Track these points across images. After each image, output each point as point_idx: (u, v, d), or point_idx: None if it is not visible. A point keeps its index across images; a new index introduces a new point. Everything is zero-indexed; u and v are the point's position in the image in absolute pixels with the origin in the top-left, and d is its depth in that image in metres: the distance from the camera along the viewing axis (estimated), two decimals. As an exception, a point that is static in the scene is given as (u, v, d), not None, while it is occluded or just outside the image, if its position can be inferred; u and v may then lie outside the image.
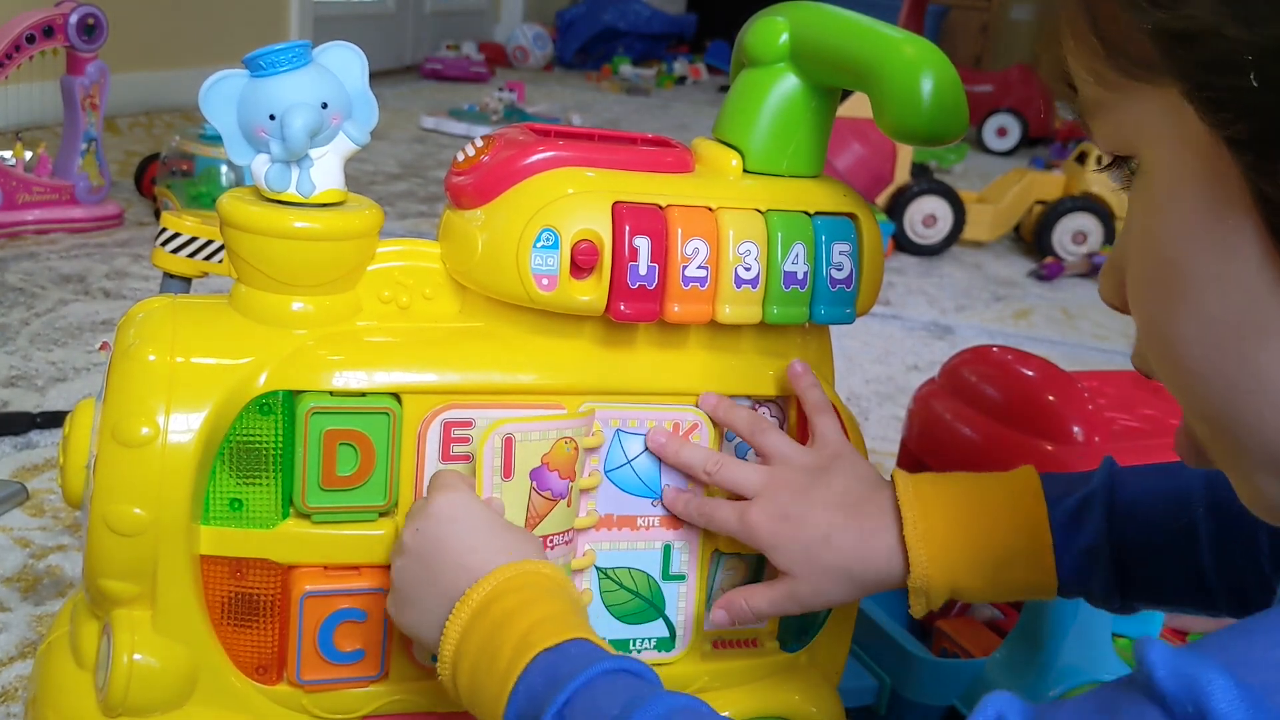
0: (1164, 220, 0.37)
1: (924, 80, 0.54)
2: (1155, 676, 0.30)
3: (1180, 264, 0.36)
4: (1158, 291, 0.38)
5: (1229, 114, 0.33)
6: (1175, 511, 0.56)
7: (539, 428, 0.58)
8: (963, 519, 0.58)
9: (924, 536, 0.57)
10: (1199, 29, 0.32)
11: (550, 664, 0.46)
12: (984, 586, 0.58)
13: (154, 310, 0.57)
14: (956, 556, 0.57)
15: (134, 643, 0.55)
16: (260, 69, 0.54)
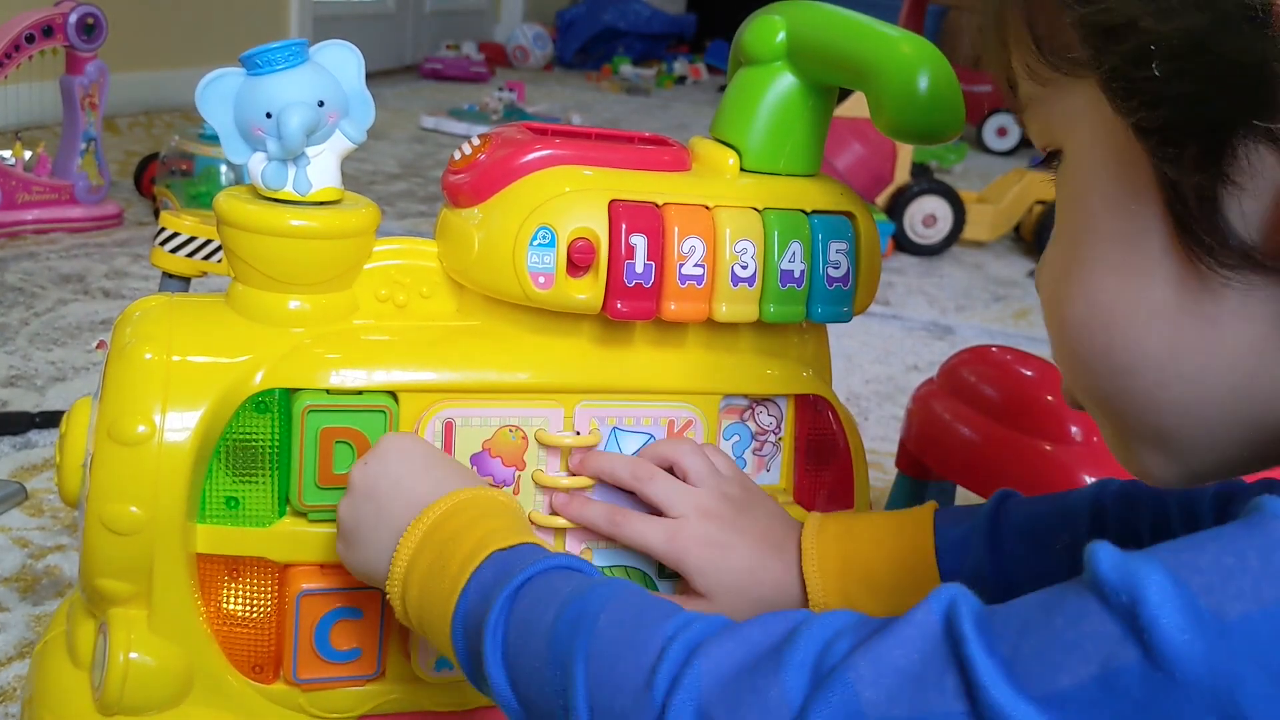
0: (1077, 208, 0.39)
1: (921, 79, 0.54)
2: (1099, 570, 0.31)
3: (1083, 248, 0.39)
4: (1060, 274, 0.40)
5: (1136, 103, 0.35)
6: (1057, 533, 0.56)
7: (480, 414, 0.58)
8: (859, 554, 0.59)
9: (822, 565, 0.58)
10: (1118, 22, 0.34)
11: (502, 559, 0.46)
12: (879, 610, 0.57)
13: (150, 309, 0.57)
14: (851, 589, 0.58)
15: (130, 641, 0.55)
16: (257, 67, 0.54)
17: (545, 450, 0.60)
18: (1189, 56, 0.33)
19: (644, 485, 0.60)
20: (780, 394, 0.64)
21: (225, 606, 0.57)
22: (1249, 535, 0.30)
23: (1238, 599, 0.29)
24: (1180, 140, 0.34)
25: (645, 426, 0.62)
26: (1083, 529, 0.55)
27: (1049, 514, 0.57)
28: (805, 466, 0.66)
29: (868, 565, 0.58)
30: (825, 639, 0.36)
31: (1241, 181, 0.34)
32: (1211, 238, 0.34)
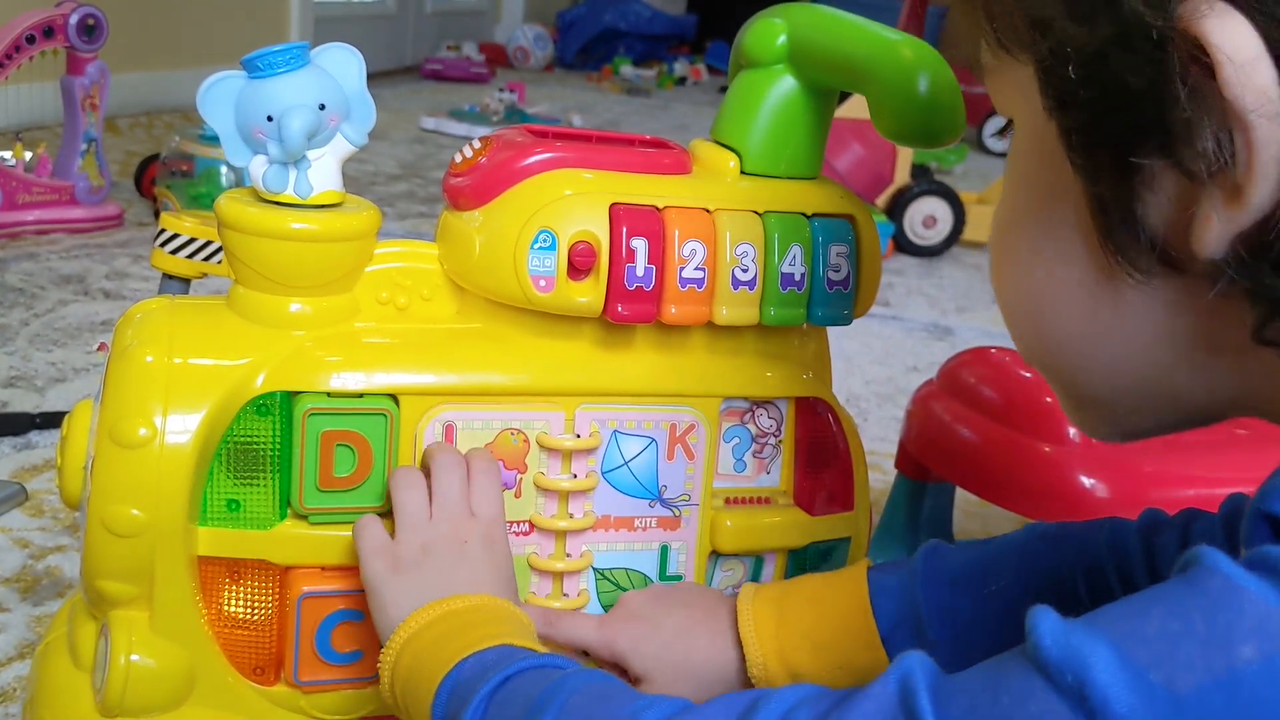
0: (1011, 189, 0.40)
1: (921, 82, 0.54)
2: (1041, 645, 0.30)
3: (1014, 232, 0.40)
4: (996, 256, 0.42)
5: (1055, 101, 0.35)
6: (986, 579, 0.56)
7: (481, 417, 0.58)
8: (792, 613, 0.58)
9: (758, 626, 0.58)
10: (1046, 18, 0.34)
11: (481, 659, 0.47)
12: (821, 668, 0.57)
13: (152, 311, 0.58)
14: (789, 649, 0.58)
15: (131, 643, 0.55)
16: (258, 70, 0.54)
17: (546, 453, 0.60)
18: (1095, 66, 0.33)
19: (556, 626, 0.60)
20: (780, 396, 0.65)
21: (226, 609, 0.57)
22: (1191, 596, 0.29)
23: (1188, 670, 0.28)
24: (1091, 146, 0.35)
25: (646, 430, 0.62)
26: (1009, 573, 0.55)
27: (978, 560, 0.57)
28: (805, 469, 0.66)
29: (804, 623, 0.58)
30: (783, 712, 0.36)
31: (1147, 193, 0.34)
32: (1120, 240, 0.35)
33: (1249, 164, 0.31)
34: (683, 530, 0.63)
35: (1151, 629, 0.29)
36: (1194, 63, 0.31)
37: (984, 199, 2.45)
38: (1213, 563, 0.30)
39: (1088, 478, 0.69)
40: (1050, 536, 0.56)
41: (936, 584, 0.56)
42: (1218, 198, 0.32)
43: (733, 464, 0.65)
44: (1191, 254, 0.33)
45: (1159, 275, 0.35)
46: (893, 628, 0.56)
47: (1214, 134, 0.31)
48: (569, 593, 0.62)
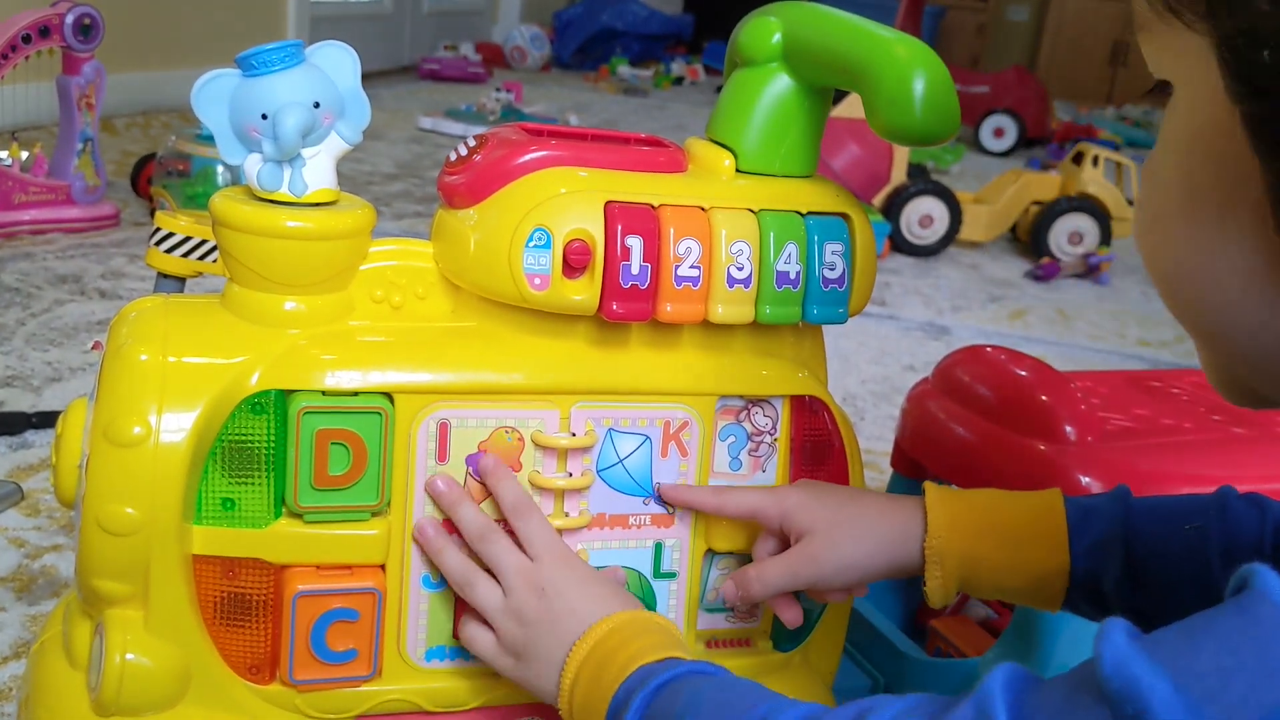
0: (1175, 157, 0.38)
1: (916, 80, 0.54)
2: (1104, 675, 0.31)
3: (1178, 202, 0.38)
4: (1153, 223, 0.40)
5: (1245, 87, 0.33)
6: (1188, 516, 0.57)
7: (476, 415, 0.58)
8: (981, 502, 0.60)
9: (942, 500, 0.59)
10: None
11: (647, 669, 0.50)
12: (1000, 562, 0.58)
13: (146, 310, 0.58)
14: (973, 525, 0.59)
15: (126, 642, 0.55)
16: (252, 68, 0.54)
17: (541, 452, 0.60)
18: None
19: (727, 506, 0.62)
20: (776, 395, 0.64)
21: (221, 607, 0.57)
22: (1242, 626, 0.30)
23: (1243, 706, 0.29)
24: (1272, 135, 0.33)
25: (641, 428, 0.62)
26: (1213, 520, 0.56)
27: (1176, 502, 0.58)
28: (801, 467, 0.66)
29: (991, 514, 0.59)
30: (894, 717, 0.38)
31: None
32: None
33: None
34: (676, 528, 0.63)
35: (1204, 663, 0.30)
36: None
37: (980, 198, 2.45)
38: (1264, 587, 0.30)
39: (1083, 476, 0.69)
40: (1253, 501, 0.57)
41: (1133, 510, 0.58)
42: None
43: (728, 462, 0.65)
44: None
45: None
46: (1082, 541, 0.57)
47: None
48: (564, 591, 0.62)
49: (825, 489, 0.62)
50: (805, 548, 0.59)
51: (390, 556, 0.58)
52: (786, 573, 0.60)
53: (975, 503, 0.60)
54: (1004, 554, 0.58)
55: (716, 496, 0.62)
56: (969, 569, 0.59)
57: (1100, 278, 2.29)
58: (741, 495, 0.62)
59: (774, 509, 0.60)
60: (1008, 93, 3.93)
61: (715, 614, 0.66)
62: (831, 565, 0.59)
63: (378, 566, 0.58)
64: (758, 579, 0.60)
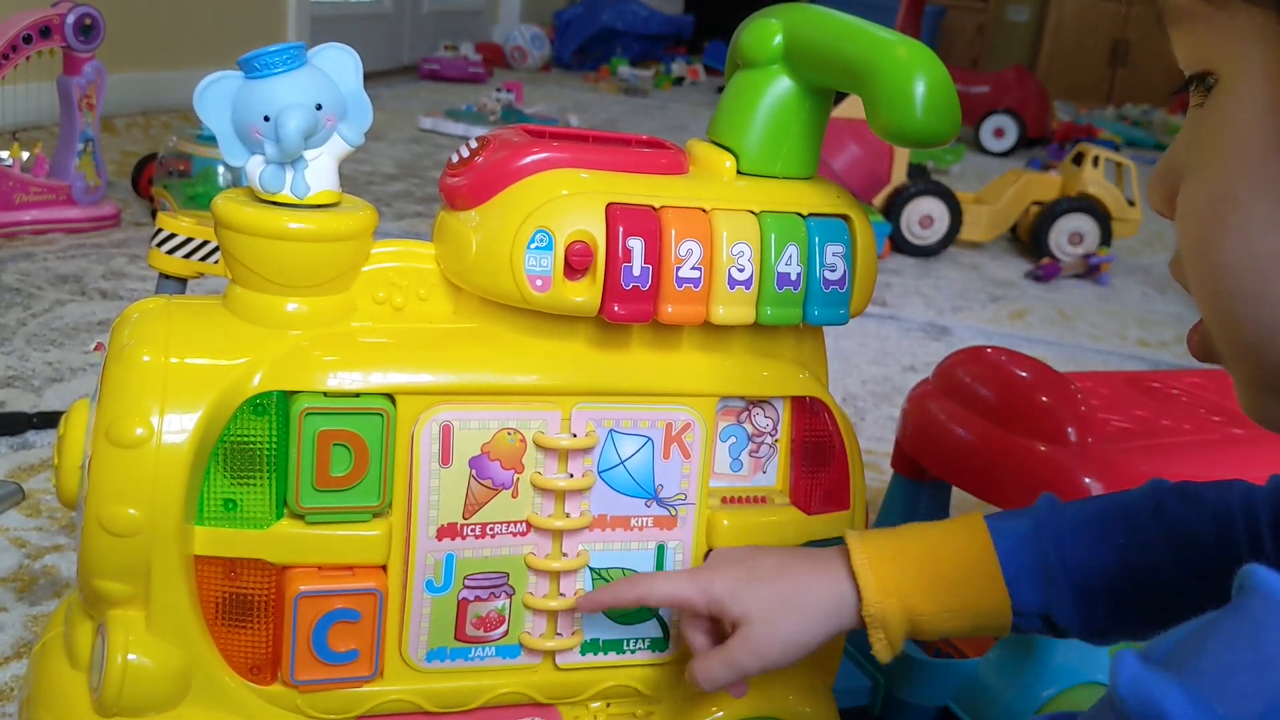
0: (1236, 147, 0.36)
1: (917, 82, 0.54)
2: (1120, 695, 0.32)
3: (1241, 193, 0.36)
4: (1211, 215, 0.38)
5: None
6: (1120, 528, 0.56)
7: (479, 416, 0.58)
8: (909, 550, 0.58)
9: (869, 559, 0.58)
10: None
11: None
12: (940, 610, 0.57)
13: (148, 311, 0.58)
14: (907, 581, 0.57)
15: (128, 643, 0.55)
16: (255, 70, 0.54)
17: (543, 453, 0.60)
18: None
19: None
20: (777, 396, 0.65)
21: (223, 608, 0.57)
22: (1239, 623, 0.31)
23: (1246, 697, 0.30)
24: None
25: (643, 429, 0.62)
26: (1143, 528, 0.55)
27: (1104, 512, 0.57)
28: (802, 468, 0.66)
29: (923, 562, 0.57)
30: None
31: None
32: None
33: None
34: (679, 529, 0.63)
35: (1209, 661, 0.31)
36: None
37: (981, 198, 2.45)
38: (1256, 582, 0.30)
39: (1083, 477, 0.69)
40: (1183, 494, 0.56)
41: (1063, 529, 0.57)
42: None
43: (729, 463, 0.65)
44: None
45: None
46: (1017, 570, 0.56)
47: None
48: (565, 592, 0.62)
49: (749, 566, 0.59)
50: (745, 641, 0.57)
51: (392, 557, 0.58)
52: (730, 667, 0.58)
53: (904, 554, 0.58)
54: (942, 602, 0.57)
55: (635, 588, 0.60)
56: (913, 625, 0.57)
57: (1100, 278, 2.29)
58: (665, 584, 0.59)
59: (700, 598, 0.59)
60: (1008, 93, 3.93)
61: (716, 615, 0.66)
62: (774, 652, 0.57)
63: (379, 567, 0.58)
64: (705, 679, 0.58)
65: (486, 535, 0.60)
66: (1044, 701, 0.73)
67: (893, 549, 0.58)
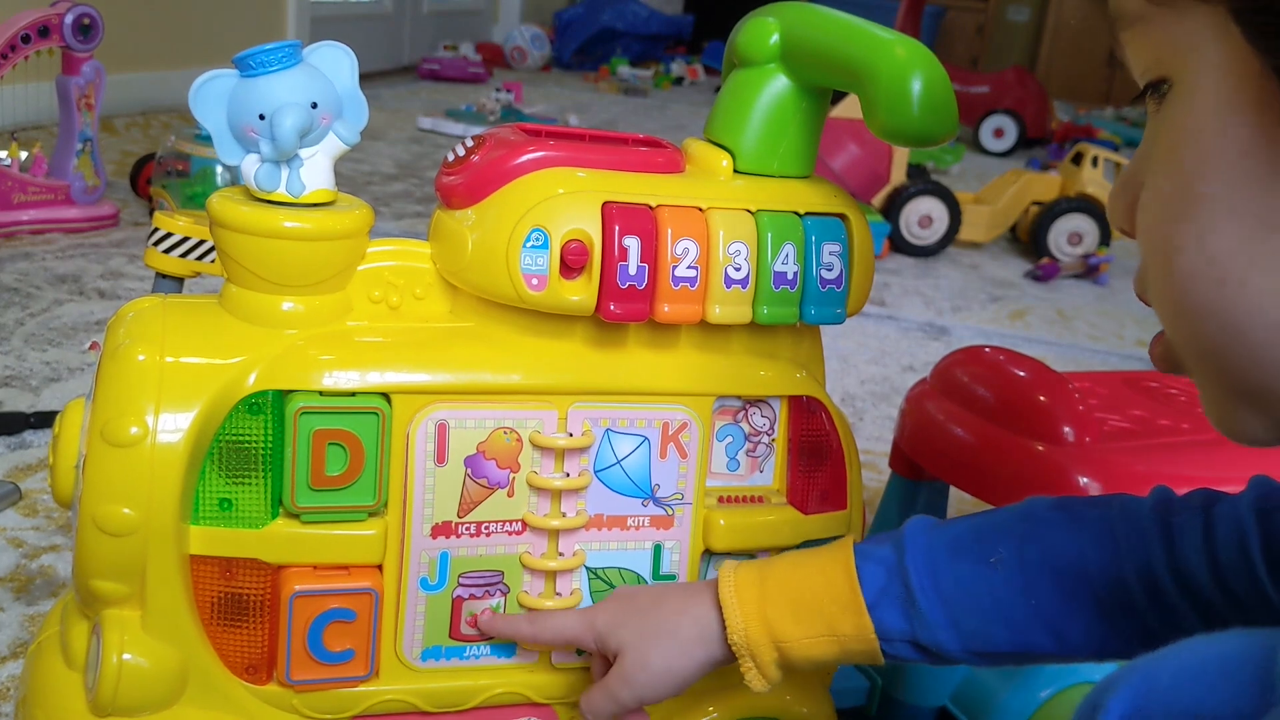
0: (1192, 150, 0.36)
1: (914, 81, 0.54)
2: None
3: (1199, 196, 0.36)
4: (1169, 220, 0.37)
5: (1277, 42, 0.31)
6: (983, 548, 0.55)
7: (474, 416, 0.58)
8: (774, 578, 0.58)
9: (735, 589, 0.57)
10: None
11: None
12: (804, 636, 0.56)
13: (144, 310, 0.58)
14: (771, 607, 0.57)
15: (123, 643, 0.55)
16: (250, 69, 0.54)
17: (539, 452, 0.60)
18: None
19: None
20: (774, 395, 0.65)
21: (218, 607, 0.57)
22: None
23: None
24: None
25: (639, 428, 0.62)
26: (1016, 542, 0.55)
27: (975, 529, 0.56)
28: (798, 467, 0.66)
29: (787, 589, 0.57)
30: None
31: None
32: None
33: None
34: (675, 529, 0.63)
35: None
36: None
37: (980, 199, 2.45)
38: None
39: (1081, 476, 0.69)
40: (1062, 508, 0.55)
41: (929, 551, 0.56)
42: None
43: (726, 463, 0.65)
44: None
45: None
46: (879, 594, 0.55)
47: None
48: (561, 592, 0.62)
49: (630, 600, 0.60)
50: (618, 669, 0.58)
51: (387, 557, 0.58)
52: (608, 698, 0.58)
53: (767, 581, 0.57)
54: (806, 627, 0.56)
55: (532, 625, 0.61)
56: (781, 652, 0.57)
57: (1100, 278, 2.29)
58: (558, 621, 0.60)
59: (588, 634, 0.59)
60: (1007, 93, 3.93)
61: (713, 614, 0.66)
62: (645, 681, 0.57)
63: (375, 567, 0.58)
64: (587, 710, 0.60)
65: (482, 534, 0.60)
66: (1041, 702, 0.73)
67: (758, 577, 0.58)
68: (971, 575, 0.55)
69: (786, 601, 0.57)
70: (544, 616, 0.61)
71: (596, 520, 0.62)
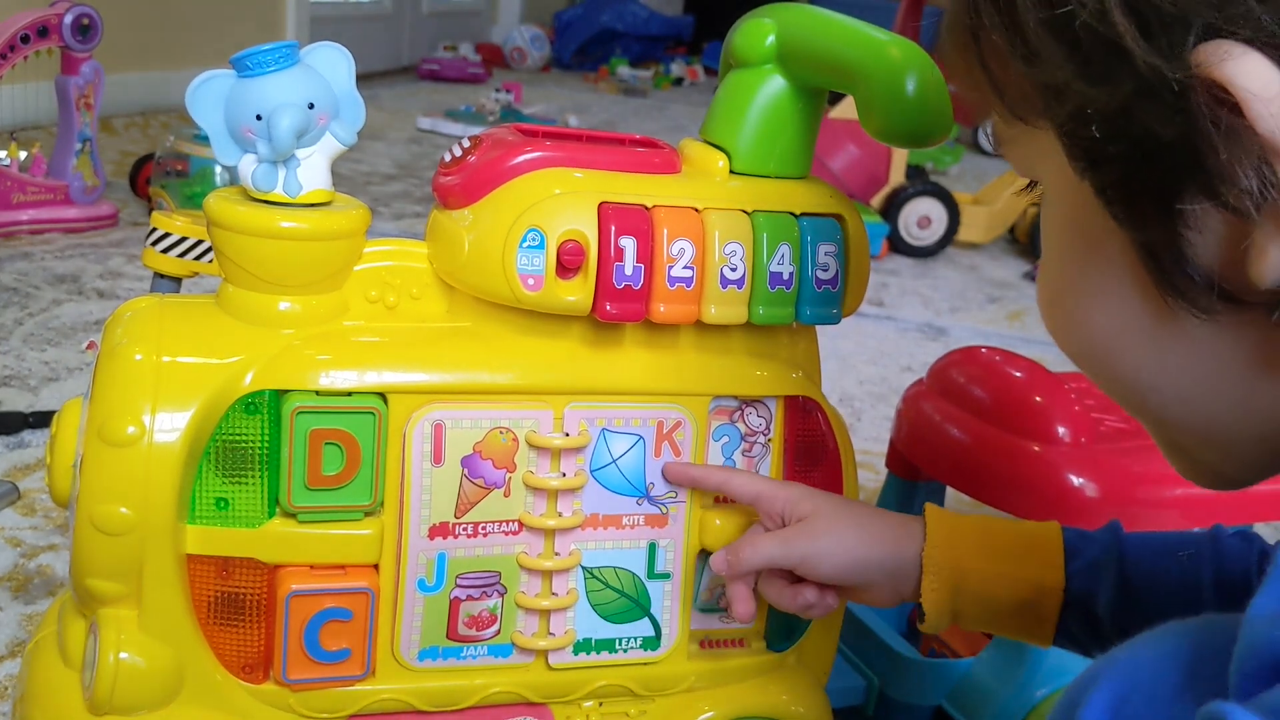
0: (1055, 239, 0.40)
1: (909, 82, 0.54)
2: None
3: (1067, 278, 0.40)
4: (1053, 303, 0.41)
5: (1084, 163, 0.35)
6: (1181, 545, 0.58)
7: (471, 415, 0.58)
8: (979, 521, 0.62)
9: (941, 517, 0.61)
10: (1059, 83, 0.34)
11: None
12: (992, 574, 0.59)
13: (141, 310, 0.58)
14: (970, 540, 0.60)
15: (120, 642, 0.55)
16: (247, 69, 0.54)
17: (535, 452, 0.60)
18: (1121, 122, 0.33)
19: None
20: (769, 395, 0.65)
21: (215, 607, 0.57)
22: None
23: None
24: (1130, 199, 0.35)
25: (635, 428, 0.62)
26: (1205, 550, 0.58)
27: (1171, 535, 0.60)
28: (794, 468, 0.66)
29: (989, 530, 0.61)
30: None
31: (1195, 235, 0.34)
32: (1176, 282, 0.35)
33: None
34: (670, 527, 0.64)
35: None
36: (1220, 105, 0.31)
37: (979, 200, 2.45)
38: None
39: (1076, 477, 0.69)
40: (1243, 535, 0.58)
41: (1126, 538, 0.60)
42: (1269, 229, 0.32)
43: (722, 462, 0.65)
44: (1251, 286, 0.33)
45: (1221, 311, 0.35)
46: (1075, 551, 0.59)
47: (1255, 169, 0.31)
48: (558, 591, 0.62)
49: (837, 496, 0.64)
50: (804, 525, 0.60)
51: (384, 556, 0.58)
52: (780, 544, 0.60)
53: (973, 522, 0.61)
54: (997, 566, 0.59)
55: (722, 475, 0.62)
56: (959, 581, 0.59)
57: (1098, 279, 2.29)
58: (748, 478, 0.62)
59: (780, 493, 0.61)
60: (1007, 94, 3.93)
61: (709, 614, 0.66)
62: (826, 544, 0.59)
63: (371, 566, 0.58)
64: (749, 545, 0.60)
65: (479, 534, 0.60)
66: (1038, 701, 0.73)
67: (966, 517, 0.61)
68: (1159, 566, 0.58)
69: (987, 541, 0.60)
70: (736, 473, 0.63)
71: (592, 520, 0.62)
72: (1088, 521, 0.69)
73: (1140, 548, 0.59)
